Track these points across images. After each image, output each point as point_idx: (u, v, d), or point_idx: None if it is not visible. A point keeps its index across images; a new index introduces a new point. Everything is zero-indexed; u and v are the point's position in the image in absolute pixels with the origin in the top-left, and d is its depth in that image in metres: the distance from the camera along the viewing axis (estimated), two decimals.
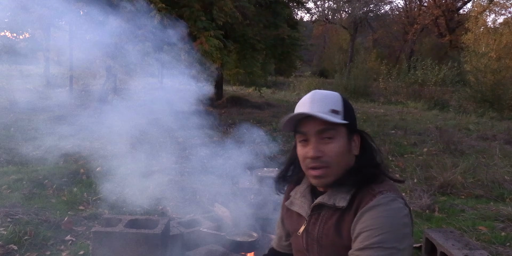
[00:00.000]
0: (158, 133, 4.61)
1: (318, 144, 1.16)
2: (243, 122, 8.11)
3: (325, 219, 1.20)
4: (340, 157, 1.16)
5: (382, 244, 1.04)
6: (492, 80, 13.06)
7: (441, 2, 26.88)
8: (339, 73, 19.86)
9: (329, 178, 1.17)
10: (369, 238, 1.06)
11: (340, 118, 1.15)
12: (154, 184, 3.78)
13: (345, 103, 1.20)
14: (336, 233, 1.16)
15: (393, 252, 1.04)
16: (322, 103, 1.16)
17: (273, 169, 3.60)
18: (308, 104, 1.17)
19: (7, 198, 3.87)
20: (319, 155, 1.15)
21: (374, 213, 1.09)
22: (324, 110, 1.14)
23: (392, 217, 1.08)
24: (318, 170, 1.16)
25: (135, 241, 2.27)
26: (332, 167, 1.16)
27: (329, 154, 1.15)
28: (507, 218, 3.76)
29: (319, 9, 33.76)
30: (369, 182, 1.16)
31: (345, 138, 1.17)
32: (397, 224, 1.07)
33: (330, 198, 1.19)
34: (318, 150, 1.15)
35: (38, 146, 6.18)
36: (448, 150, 6.59)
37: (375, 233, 1.06)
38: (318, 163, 1.16)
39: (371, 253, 1.05)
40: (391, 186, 1.18)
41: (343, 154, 1.16)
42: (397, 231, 1.06)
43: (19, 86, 13.99)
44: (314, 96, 1.18)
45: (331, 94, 1.20)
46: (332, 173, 1.16)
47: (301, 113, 1.14)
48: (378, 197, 1.11)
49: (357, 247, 1.08)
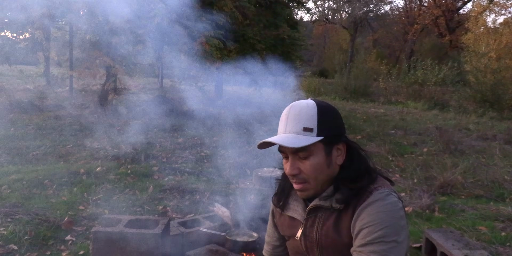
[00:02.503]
0: None
1: (295, 161, 1.19)
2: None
3: (323, 221, 1.21)
4: (318, 172, 1.18)
5: (384, 239, 1.08)
6: (492, 80, 13.06)
7: (441, 2, 26.88)
8: (339, 73, 19.88)
9: (309, 192, 1.21)
10: (370, 234, 1.09)
11: (314, 135, 1.16)
12: None
13: (320, 116, 1.17)
14: (335, 233, 1.18)
15: (393, 245, 1.08)
16: (296, 122, 1.17)
17: (273, 169, 3.60)
18: (283, 123, 1.21)
19: (7, 198, 3.87)
20: (295, 173, 1.19)
21: (372, 209, 1.11)
22: (297, 129, 1.16)
23: (390, 211, 1.11)
24: (298, 185, 1.21)
25: (135, 241, 2.27)
26: (310, 182, 1.19)
27: (305, 171, 1.18)
28: (507, 218, 3.76)
29: (319, 9, 33.80)
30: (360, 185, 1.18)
31: (322, 153, 1.17)
32: (395, 218, 1.11)
33: (326, 200, 1.20)
34: (294, 167, 1.19)
35: (38, 146, 6.18)
36: (448, 150, 6.59)
37: (376, 229, 1.09)
38: (296, 179, 1.20)
39: (373, 248, 1.08)
40: (383, 181, 1.21)
41: (321, 169, 1.18)
42: (395, 225, 1.10)
43: (19, 86, 14.01)
44: (289, 113, 1.20)
45: (306, 108, 1.18)
46: (311, 187, 1.20)
47: (268, 142, 1.17)
48: (374, 193, 1.14)
49: (359, 244, 1.10)
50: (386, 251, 1.07)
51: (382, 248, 1.07)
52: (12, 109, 9.22)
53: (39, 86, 14.37)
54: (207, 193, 4.15)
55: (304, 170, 1.18)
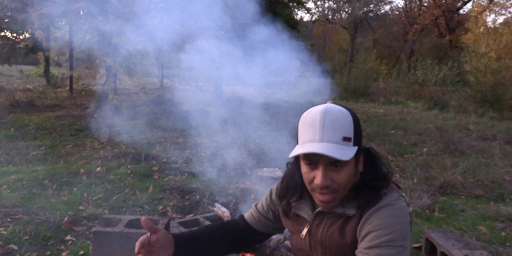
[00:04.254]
0: None
1: (327, 171, 1.11)
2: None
3: (329, 224, 1.21)
4: (349, 182, 1.14)
5: (391, 243, 1.07)
6: (492, 80, 13.05)
7: (441, 2, 26.88)
8: (339, 73, 19.86)
9: (335, 202, 1.16)
10: (378, 237, 1.08)
11: (351, 145, 1.11)
12: None
13: (356, 124, 1.13)
14: (340, 236, 1.18)
15: (400, 250, 1.08)
16: (334, 129, 1.09)
17: (273, 169, 3.60)
18: (318, 130, 1.09)
19: (7, 198, 3.87)
20: (328, 184, 1.11)
21: (382, 213, 1.11)
22: (336, 139, 1.08)
23: (399, 216, 1.11)
24: (326, 196, 1.13)
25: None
26: (340, 192, 1.14)
27: (338, 181, 1.11)
28: (507, 218, 3.76)
29: (319, 9, 33.79)
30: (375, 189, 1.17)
31: (353, 162, 1.13)
32: (404, 223, 1.11)
33: (339, 207, 1.19)
34: (327, 178, 1.10)
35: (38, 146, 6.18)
36: (448, 150, 6.59)
37: (384, 232, 1.08)
38: (327, 190, 1.12)
39: (380, 252, 1.07)
40: (392, 186, 1.21)
41: (352, 178, 1.14)
42: (403, 230, 1.10)
43: (19, 86, 14.00)
44: (325, 119, 1.09)
45: (342, 115, 1.11)
46: (339, 197, 1.15)
47: (315, 153, 1.07)
48: (384, 198, 1.14)
49: (366, 246, 1.10)
50: (393, 255, 1.07)
51: (389, 252, 1.07)
52: (12, 109, 9.22)
53: (39, 86, 14.39)
54: (207, 193, 4.15)
55: (337, 181, 1.11)
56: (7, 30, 8.88)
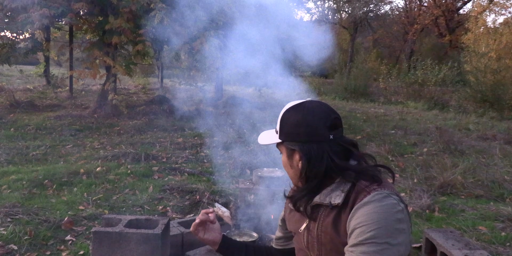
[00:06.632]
0: None
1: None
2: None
3: (323, 217, 1.23)
4: (285, 169, 1.33)
5: (375, 240, 1.06)
6: (492, 80, 13.04)
7: (441, 2, 26.87)
8: (339, 73, 19.85)
9: (300, 191, 1.30)
10: (362, 234, 1.08)
11: (277, 138, 1.30)
12: None
13: (282, 121, 1.29)
14: (334, 231, 1.19)
15: (385, 247, 1.06)
16: (278, 121, 1.31)
17: (273, 169, 3.60)
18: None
19: (7, 198, 3.87)
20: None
21: (367, 209, 1.11)
22: (275, 129, 1.34)
23: (385, 213, 1.09)
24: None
25: (135, 241, 2.27)
26: (293, 180, 1.34)
27: (283, 164, 1.34)
28: (507, 218, 3.76)
29: (319, 9, 33.77)
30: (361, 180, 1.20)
31: (285, 154, 1.30)
32: (390, 220, 1.09)
33: (325, 197, 1.22)
34: (283, 160, 1.35)
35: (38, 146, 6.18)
36: (448, 150, 6.59)
37: (367, 229, 1.08)
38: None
39: (364, 249, 1.07)
40: (386, 183, 1.20)
41: (286, 167, 1.32)
42: (389, 227, 1.08)
43: (19, 86, 14.00)
44: (282, 111, 1.32)
45: (288, 113, 1.29)
46: (295, 183, 1.34)
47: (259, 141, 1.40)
48: (372, 194, 1.13)
49: (351, 243, 1.10)
50: (377, 253, 1.05)
51: (373, 249, 1.06)
52: (12, 109, 9.22)
53: (39, 86, 14.39)
54: (207, 193, 4.15)
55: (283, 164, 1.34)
56: (7, 30, 8.87)
